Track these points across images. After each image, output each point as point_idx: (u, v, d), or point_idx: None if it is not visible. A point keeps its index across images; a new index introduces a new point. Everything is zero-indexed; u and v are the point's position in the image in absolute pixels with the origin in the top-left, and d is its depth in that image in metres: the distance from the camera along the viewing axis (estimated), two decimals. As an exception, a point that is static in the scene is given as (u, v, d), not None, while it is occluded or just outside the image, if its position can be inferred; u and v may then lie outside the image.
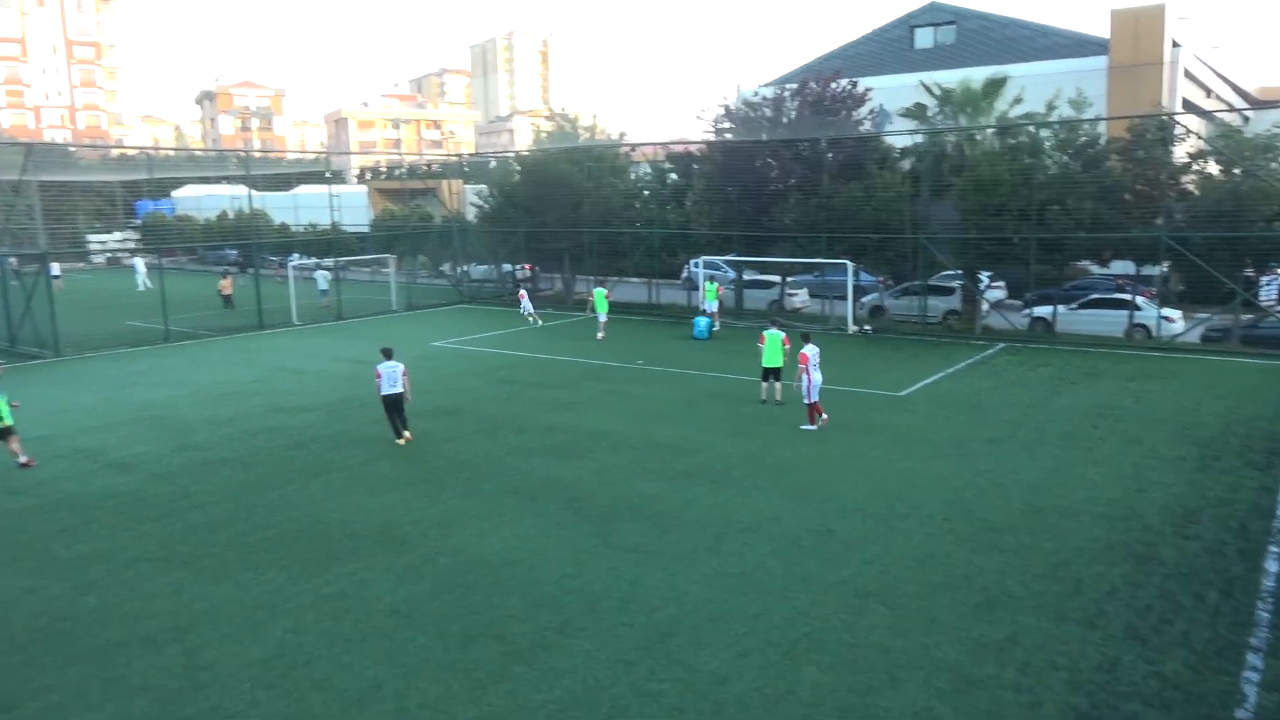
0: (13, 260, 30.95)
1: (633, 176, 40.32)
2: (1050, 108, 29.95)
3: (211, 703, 8.52)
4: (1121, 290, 29.64)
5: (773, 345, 19.57)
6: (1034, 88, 31.26)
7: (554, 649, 9.38)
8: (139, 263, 50.14)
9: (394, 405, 17.30)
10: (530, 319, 33.54)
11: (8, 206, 32.87)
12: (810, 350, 18.05)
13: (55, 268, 43.81)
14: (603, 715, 8.20)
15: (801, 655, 9.16)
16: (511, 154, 46.16)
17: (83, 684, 8.90)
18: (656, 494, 14.17)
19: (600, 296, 30.27)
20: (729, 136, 33.98)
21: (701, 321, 29.74)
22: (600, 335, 29.45)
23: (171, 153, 74.35)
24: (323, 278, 39.67)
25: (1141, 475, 14.73)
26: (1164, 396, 20.42)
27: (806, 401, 18.02)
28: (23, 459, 16.19)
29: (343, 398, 21.46)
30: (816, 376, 17.94)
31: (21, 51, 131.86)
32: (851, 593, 10.54)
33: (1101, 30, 43.33)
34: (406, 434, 17.40)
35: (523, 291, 35.29)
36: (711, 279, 32.91)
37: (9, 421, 16.19)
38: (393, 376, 17.17)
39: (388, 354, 17.55)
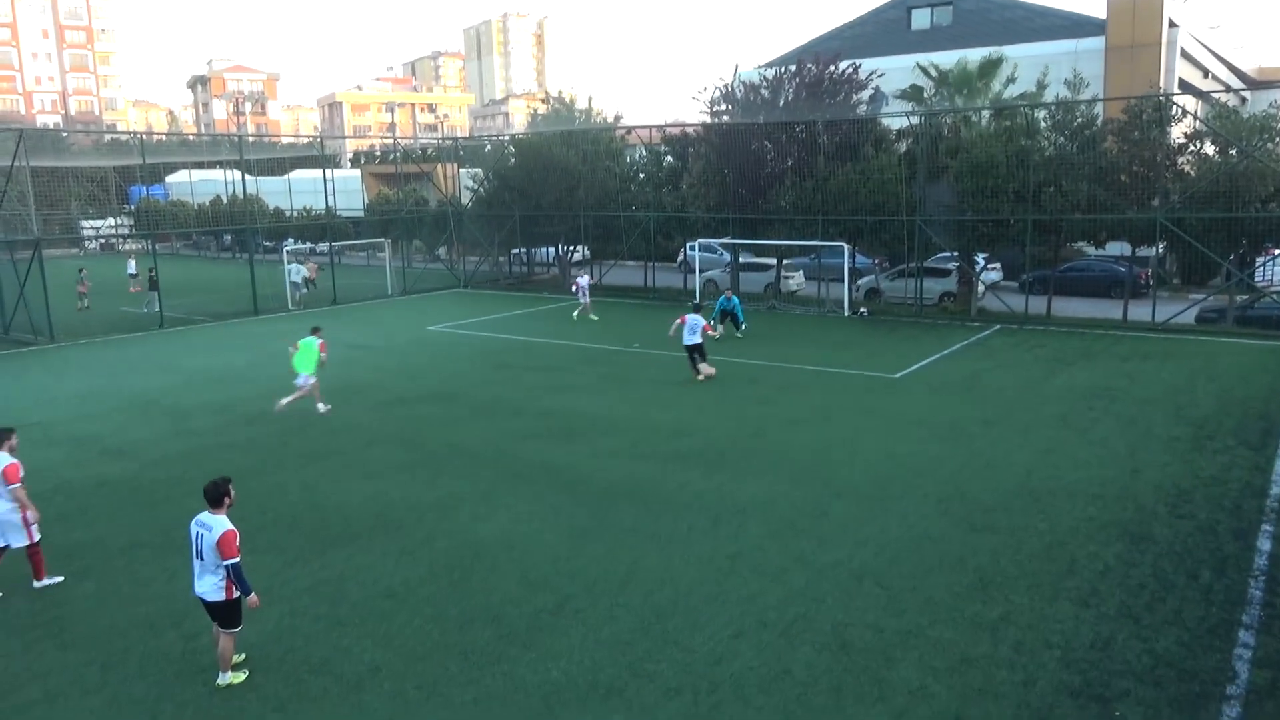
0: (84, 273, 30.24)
1: (628, 160, 40.19)
2: (1041, 87, 29.84)
3: (209, 686, 8.55)
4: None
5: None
6: (1030, 68, 31.14)
7: (550, 631, 9.42)
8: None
9: (694, 351, 20.62)
10: (581, 312, 30.21)
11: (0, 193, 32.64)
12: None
13: (131, 264, 43.07)
14: (599, 696, 8.25)
15: (796, 635, 9.21)
16: (506, 137, 45.94)
17: (81, 669, 8.94)
18: (652, 476, 14.20)
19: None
20: (726, 119, 33.86)
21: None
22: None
23: (164, 137, 73.95)
24: (296, 270, 36.83)
25: (1136, 456, 14.78)
26: (1158, 378, 20.47)
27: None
28: (321, 407, 18.31)
29: (338, 383, 21.42)
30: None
31: (12, 36, 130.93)
32: (846, 574, 10.59)
33: (1099, 11, 43.16)
34: (708, 370, 20.59)
35: (579, 280, 31.29)
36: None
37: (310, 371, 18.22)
38: (694, 327, 20.48)
39: (696, 308, 21.25)
